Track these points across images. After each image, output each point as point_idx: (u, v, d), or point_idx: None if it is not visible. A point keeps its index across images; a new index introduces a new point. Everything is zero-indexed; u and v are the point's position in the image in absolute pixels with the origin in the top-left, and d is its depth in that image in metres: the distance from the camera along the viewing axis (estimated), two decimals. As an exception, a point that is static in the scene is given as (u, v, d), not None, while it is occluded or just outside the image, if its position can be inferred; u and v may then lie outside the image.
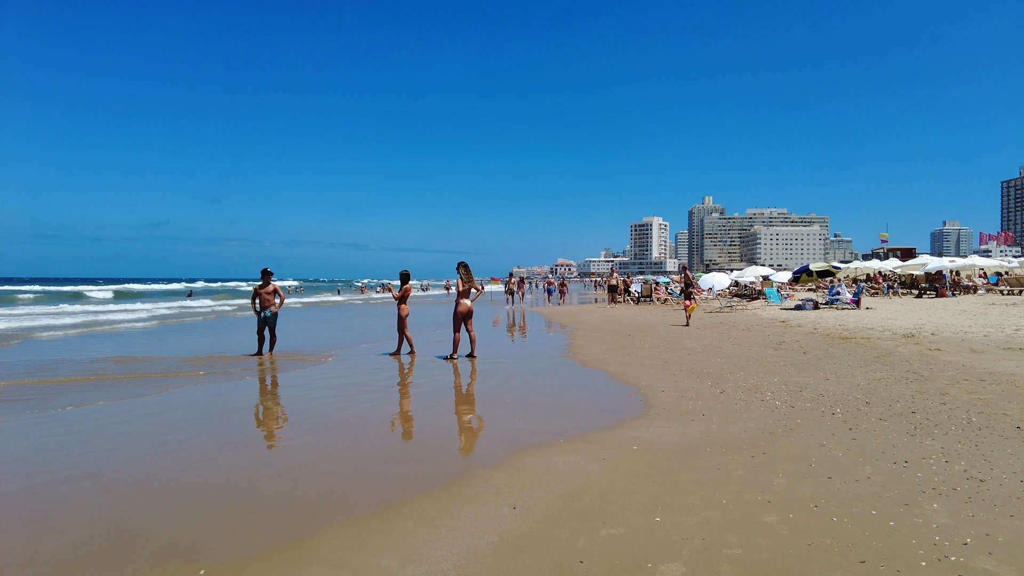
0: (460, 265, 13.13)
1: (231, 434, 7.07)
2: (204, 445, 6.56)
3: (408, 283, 14.09)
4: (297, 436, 6.93)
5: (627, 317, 23.99)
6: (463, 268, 13.14)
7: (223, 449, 6.40)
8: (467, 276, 13.09)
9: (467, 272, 13.09)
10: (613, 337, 16.78)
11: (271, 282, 14.78)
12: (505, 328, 21.38)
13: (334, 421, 7.61)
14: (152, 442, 6.74)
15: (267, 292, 14.76)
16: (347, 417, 7.81)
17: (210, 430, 7.23)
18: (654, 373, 10.65)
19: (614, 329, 19.08)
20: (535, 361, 12.77)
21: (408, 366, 12.34)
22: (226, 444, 6.62)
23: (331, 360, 13.35)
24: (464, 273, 13.04)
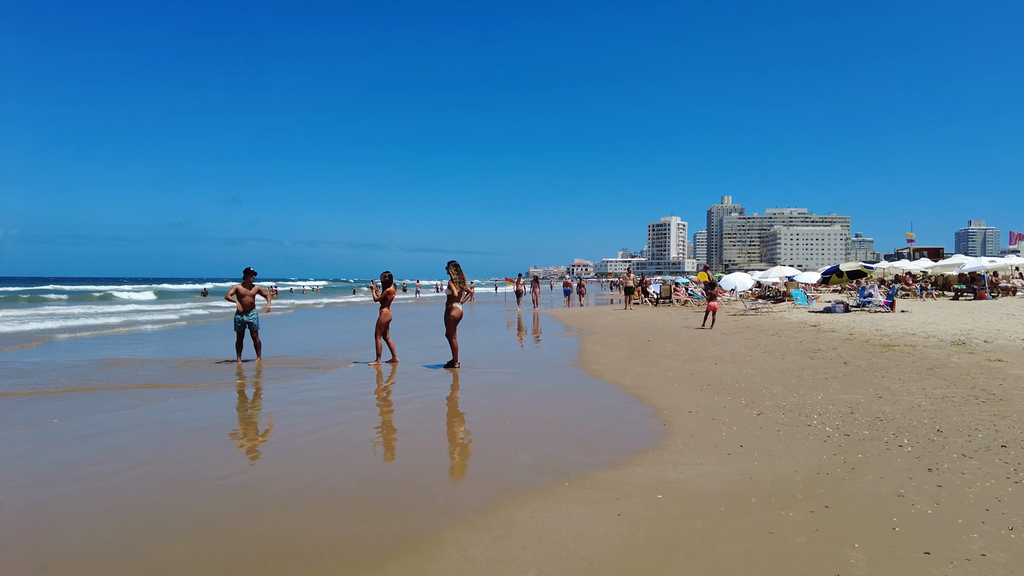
0: (451, 265, 11.91)
1: (167, 466, 5.86)
2: (128, 483, 5.35)
3: (392, 285, 12.87)
4: (244, 471, 5.70)
5: (645, 320, 22.62)
6: (454, 268, 11.91)
7: (147, 490, 5.18)
8: (459, 277, 11.86)
9: (459, 272, 11.87)
10: (631, 343, 15.45)
11: (253, 283, 13.63)
12: (514, 332, 20.09)
13: (295, 450, 6.38)
14: (73, 477, 5.57)
15: (250, 294, 13.61)
16: (312, 444, 6.58)
17: (147, 460, 6.04)
18: (678, 388, 9.32)
19: (632, 334, 17.73)
20: (541, 371, 11.47)
21: (389, 375, 11.14)
22: (155, 482, 5.40)
23: (318, 368, 12.16)
24: (456, 274, 11.82)
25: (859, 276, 25.76)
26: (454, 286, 11.77)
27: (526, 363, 12.51)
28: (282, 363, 13.00)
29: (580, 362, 12.40)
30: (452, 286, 11.77)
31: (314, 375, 11.38)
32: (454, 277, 11.79)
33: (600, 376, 10.60)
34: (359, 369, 11.99)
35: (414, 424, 7.56)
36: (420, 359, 13.04)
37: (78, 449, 6.47)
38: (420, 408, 8.41)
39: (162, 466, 5.85)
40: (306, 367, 12.39)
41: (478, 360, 12.82)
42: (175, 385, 10.24)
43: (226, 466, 5.86)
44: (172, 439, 6.87)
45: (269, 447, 6.59)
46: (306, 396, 9.39)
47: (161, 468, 5.79)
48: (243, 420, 7.98)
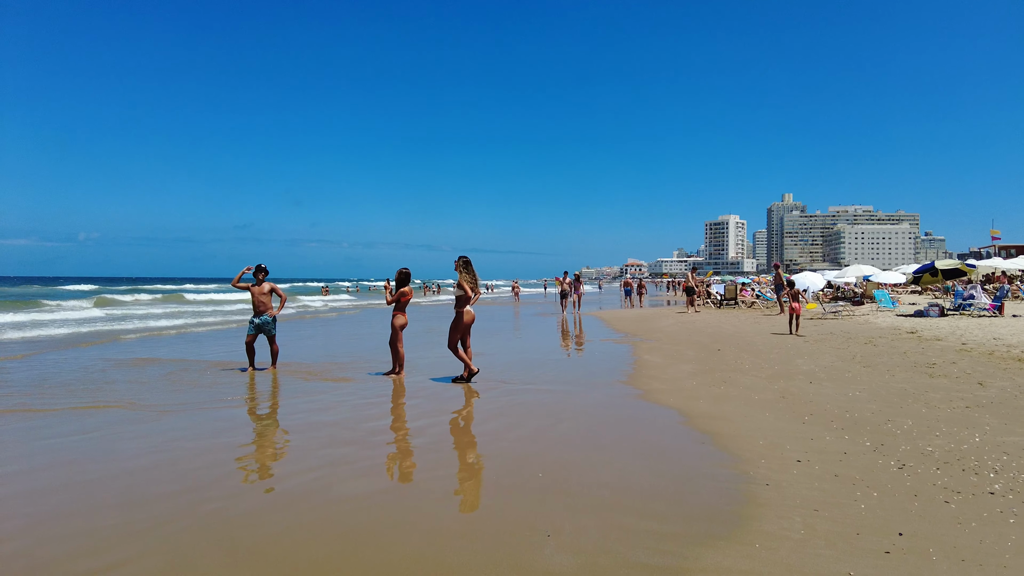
0: (460, 262, 9.98)
1: (76, 530, 4.00)
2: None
3: (408, 286, 10.94)
4: (140, 556, 3.79)
5: (711, 324, 20.17)
6: (464, 265, 9.96)
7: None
8: (471, 276, 9.92)
9: (470, 270, 9.95)
10: (698, 353, 13.15)
11: (264, 280, 11.97)
12: (558, 338, 17.94)
13: (240, 514, 4.45)
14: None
15: (262, 293, 11.93)
16: (264, 507, 4.64)
17: (57, 516, 4.20)
18: (771, 420, 7.07)
19: (697, 341, 15.40)
20: (588, 391, 9.29)
21: (403, 392, 9.20)
22: (37, 562, 3.55)
23: (328, 380, 10.35)
24: (467, 272, 9.89)
25: (958, 276, 22.69)
26: (467, 285, 9.82)
27: (569, 378, 10.39)
28: (296, 372, 11.32)
29: (636, 377, 10.21)
30: (464, 285, 9.83)
31: (321, 390, 9.54)
32: (466, 276, 9.86)
33: (663, 400, 8.40)
34: (373, 383, 10.10)
35: (414, 470, 5.56)
36: (446, 369, 11.08)
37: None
38: (428, 444, 6.41)
39: (73, 528, 3.99)
40: (317, 378, 10.61)
41: (514, 373, 10.80)
42: (139, 406, 8.51)
43: (123, 555, 3.95)
44: (114, 479, 5.03)
45: (218, 504, 4.68)
46: (296, 420, 7.53)
47: (68, 530, 3.93)
48: (217, 451, 6.12)
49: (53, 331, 19.26)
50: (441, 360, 12.56)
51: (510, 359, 12.80)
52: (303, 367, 11.95)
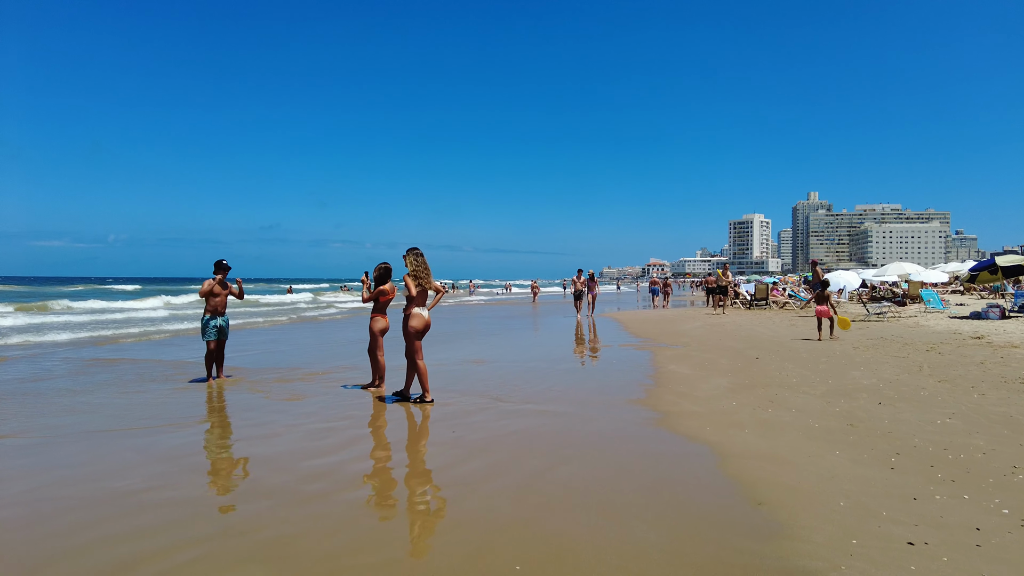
0: (410, 253, 8.32)
1: None
2: None
3: (390, 282, 9.21)
4: None
5: (743, 328, 18.18)
6: (414, 257, 8.29)
7: None
8: (421, 269, 8.23)
9: (420, 263, 8.28)
10: (732, 362, 11.24)
11: (226, 279, 10.43)
12: (569, 343, 16.06)
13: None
14: None
15: (224, 294, 10.40)
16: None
17: None
18: (846, 464, 5.19)
19: (730, 347, 13.47)
20: (597, 415, 7.37)
21: (373, 413, 7.46)
22: None
23: (295, 396, 8.64)
24: (416, 265, 8.23)
25: (1019, 273, 20.44)
26: (411, 283, 8.12)
27: (578, 396, 8.55)
28: (260, 383, 9.74)
29: (660, 394, 8.35)
30: (409, 283, 8.10)
31: (278, 409, 7.85)
32: (416, 271, 8.17)
33: (695, 428, 6.52)
34: (344, 399, 8.39)
35: (324, 549, 3.79)
36: (435, 382, 9.33)
37: None
38: (371, 498, 4.64)
39: None
40: (281, 392, 8.95)
41: (513, 387, 9.01)
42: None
43: None
44: None
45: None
46: (222, 455, 5.83)
47: None
48: (40, 519, 4.41)
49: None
50: (433, 372, 10.82)
51: (512, 368, 11.00)
52: (271, 377, 10.27)
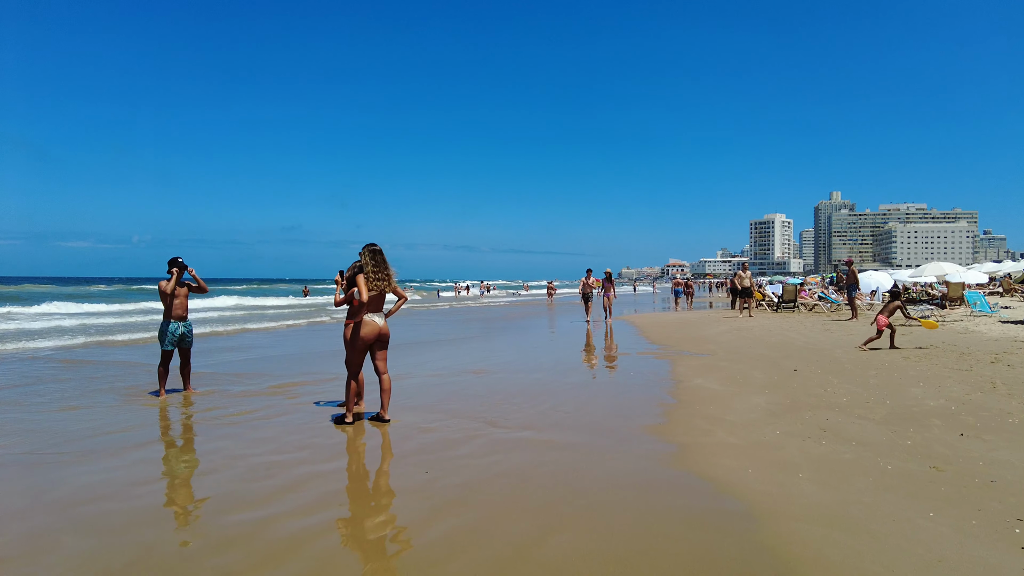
0: (366, 251, 7.10)
1: None
2: None
3: (392, 285, 7.91)
4: None
5: (773, 332, 16.65)
6: (370, 255, 7.05)
7: None
8: (377, 271, 7.00)
9: (378, 263, 7.05)
10: (768, 374, 9.77)
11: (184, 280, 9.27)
12: (578, 352, 14.63)
13: None
14: None
15: (183, 295, 9.21)
16: None
17: None
18: (954, 539, 3.74)
19: (763, 356, 11.99)
20: (604, 451, 5.89)
21: (336, 444, 6.13)
22: None
23: (257, 413, 7.38)
24: (373, 266, 7.00)
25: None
26: (362, 284, 6.87)
27: (585, 419, 7.15)
28: (219, 400, 8.47)
29: (684, 418, 6.92)
30: (360, 284, 6.88)
31: (228, 434, 6.56)
32: (371, 271, 6.96)
33: (731, 471, 5.09)
34: (314, 420, 7.08)
35: None
36: (424, 399, 8.00)
37: None
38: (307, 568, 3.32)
39: None
40: (242, 409, 7.67)
41: (510, 407, 7.64)
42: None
43: None
44: None
45: None
46: (112, 507, 4.51)
47: None
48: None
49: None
50: (426, 384, 9.48)
51: (514, 381, 9.64)
52: (241, 390, 9.01)
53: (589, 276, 23.05)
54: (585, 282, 22.99)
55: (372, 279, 6.91)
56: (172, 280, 8.86)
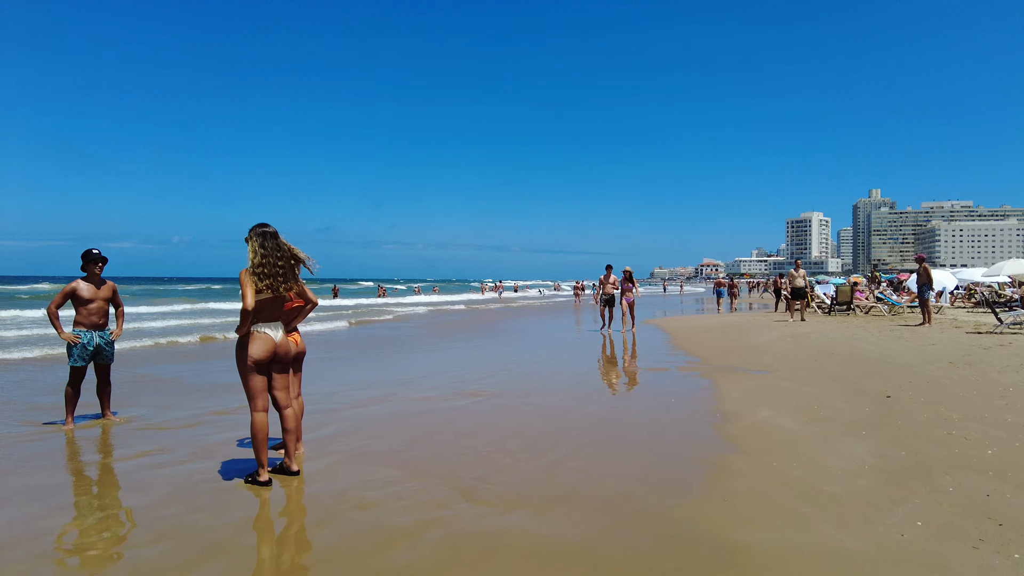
0: (254, 235, 5.05)
1: None
2: None
3: (297, 283, 5.73)
4: None
5: (835, 341, 14.07)
6: (259, 241, 4.95)
7: None
8: (271, 265, 4.92)
9: (270, 253, 4.96)
10: (854, 403, 7.31)
11: (104, 280, 7.26)
12: (602, 367, 12.30)
13: None
14: None
15: (100, 298, 7.18)
16: None
17: None
18: None
19: (836, 373, 9.50)
20: (621, 572, 3.75)
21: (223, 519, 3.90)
22: None
23: (153, 454, 5.22)
24: (262, 257, 4.93)
25: None
26: (248, 284, 4.82)
27: (603, 490, 4.78)
28: (143, 426, 6.42)
29: (753, 487, 4.56)
30: (245, 285, 4.81)
31: (104, 485, 4.39)
32: (259, 263, 4.92)
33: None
34: (223, 463, 4.90)
35: None
36: (399, 439, 5.79)
37: None
38: None
39: None
40: (127, 459, 5.53)
41: (502, 463, 5.33)
42: None
43: None
44: None
45: None
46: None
47: None
48: None
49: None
50: (401, 413, 7.26)
51: (516, 413, 7.37)
52: (166, 418, 6.88)
53: (609, 274, 17.76)
54: (604, 281, 17.80)
55: (262, 275, 4.81)
56: (91, 278, 7.01)
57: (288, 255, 5.02)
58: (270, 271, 4.86)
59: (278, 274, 4.90)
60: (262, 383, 4.94)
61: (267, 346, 4.89)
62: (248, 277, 4.80)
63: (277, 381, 5.09)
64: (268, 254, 4.89)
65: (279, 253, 4.95)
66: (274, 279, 4.88)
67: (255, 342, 4.86)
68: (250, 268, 4.85)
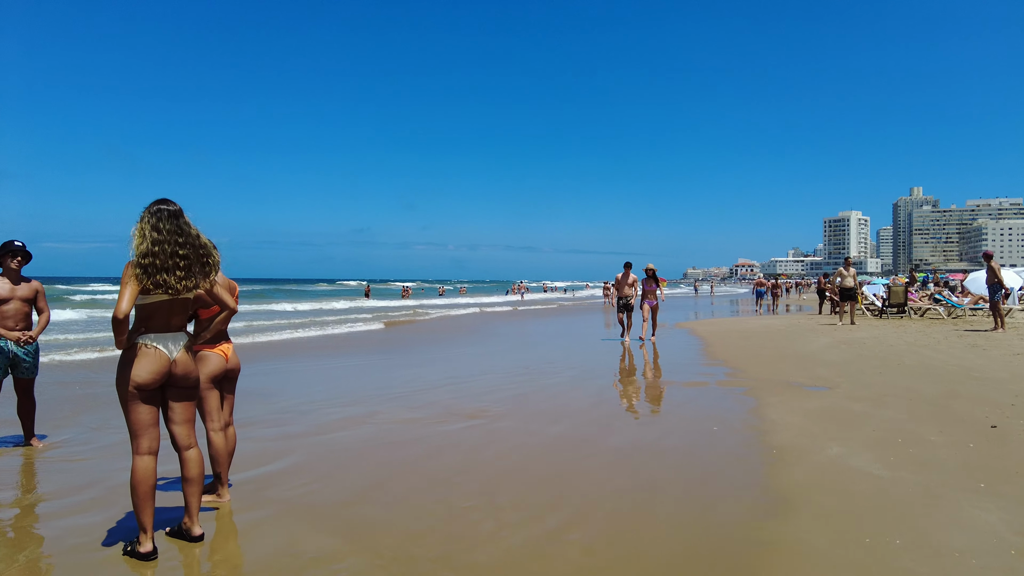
0: (149, 216, 3.61)
1: None
2: None
3: (208, 280, 4.33)
4: None
5: (896, 349, 12.29)
6: (152, 223, 3.58)
7: None
8: (168, 255, 3.57)
9: (167, 240, 3.54)
10: (948, 433, 5.64)
11: (23, 278, 5.99)
12: (632, 381, 10.76)
13: None
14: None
15: (18, 298, 5.90)
16: None
17: None
18: None
19: (911, 390, 7.81)
20: None
21: None
22: None
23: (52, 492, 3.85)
24: (153, 243, 3.52)
25: None
26: (129, 282, 3.45)
27: (593, 569, 3.39)
28: (81, 456, 5.10)
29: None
30: (126, 283, 3.43)
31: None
32: (145, 252, 3.52)
33: None
34: (118, 529, 3.52)
35: None
36: (362, 480, 4.37)
37: None
38: None
39: None
40: (50, 492, 4.17)
41: (471, 536, 3.84)
42: None
43: None
44: None
45: None
46: None
47: None
48: None
49: None
50: (369, 447, 5.85)
51: (518, 444, 5.89)
52: (100, 445, 5.58)
53: (628, 273, 15.08)
54: (622, 282, 15.08)
55: (153, 268, 3.45)
56: (7, 273, 5.77)
57: (196, 243, 3.66)
58: (164, 263, 3.49)
59: (177, 267, 3.53)
60: (150, 416, 3.57)
61: (157, 366, 3.53)
62: (131, 272, 3.44)
63: (176, 412, 3.73)
64: (165, 240, 3.53)
65: (182, 239, 3.59)
66: (170, 274, 3.50)
67: (141, 360, 3.51)
68: (135, 259, 3.48)
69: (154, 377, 3.51)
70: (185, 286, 3.58)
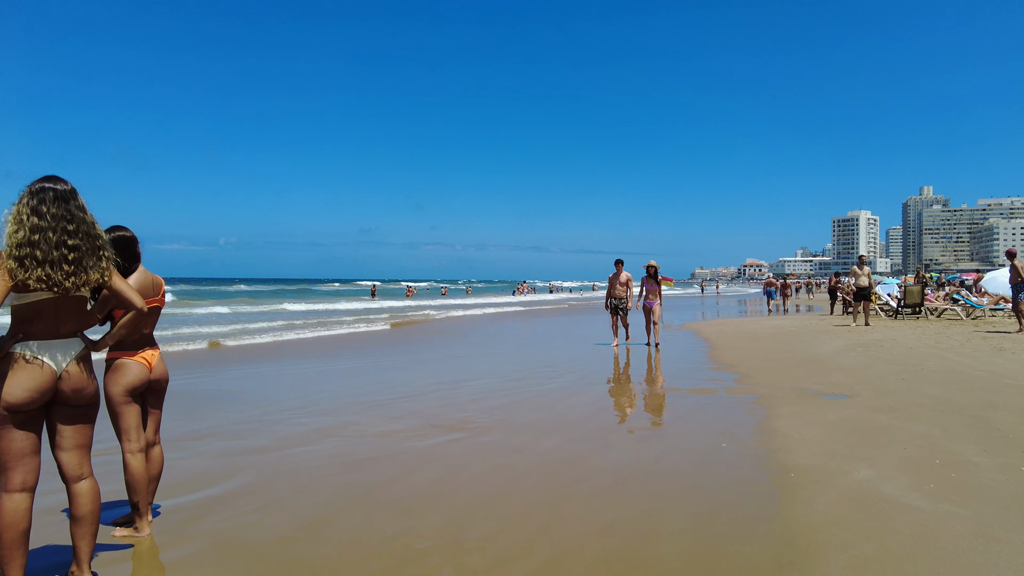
0: (30, 197, 2.93)
1: None
2: None
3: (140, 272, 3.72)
4: None
5: (919, 352, 11.52)
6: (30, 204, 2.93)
7: None
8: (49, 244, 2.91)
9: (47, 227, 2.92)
10: (989, 452, 4.91)
11: None
12: (630, 385, 10.06)
13: None
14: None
15: None
16: None
17: None
18: None
19: (940, 399, 7.05)
20: None
21: None
22: None
23: None
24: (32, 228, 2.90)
25: None
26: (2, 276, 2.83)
27: None
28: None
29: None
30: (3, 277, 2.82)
31: None
32: (21, 241, 2.83)
33: None
34: None
35: None
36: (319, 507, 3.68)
37: None
38: None
39: None
40: None
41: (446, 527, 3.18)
42: None
43: None
44: None
45: None
46: None
47: None
48: None
49: None
50: (329, 469, 5.15)
51: (498, 466, 5.20)
52: None
53: (620, 271, 13.60)
54: (613, 281, 13.64)
55: (32, 261, 2.82)
56: None
57: (92, 231, 3.00)
58: (48, 255, 2.83)
59: (65, 260, 2.87)
60: (26, 443, 2.91)
61: (37, 382, 2.87)
62: (2, 264, 2.79)
63: (65, 436, 3.06)
64: (48, 227, 2.87)
65: (72, 227, 2.93)
66: (55, 268, 2.85)
67: (16, 374, 2.85)
68: (8, 249, 2.82)
69: (32, 396, 2.85)
70: (74, 283, 2.91)
